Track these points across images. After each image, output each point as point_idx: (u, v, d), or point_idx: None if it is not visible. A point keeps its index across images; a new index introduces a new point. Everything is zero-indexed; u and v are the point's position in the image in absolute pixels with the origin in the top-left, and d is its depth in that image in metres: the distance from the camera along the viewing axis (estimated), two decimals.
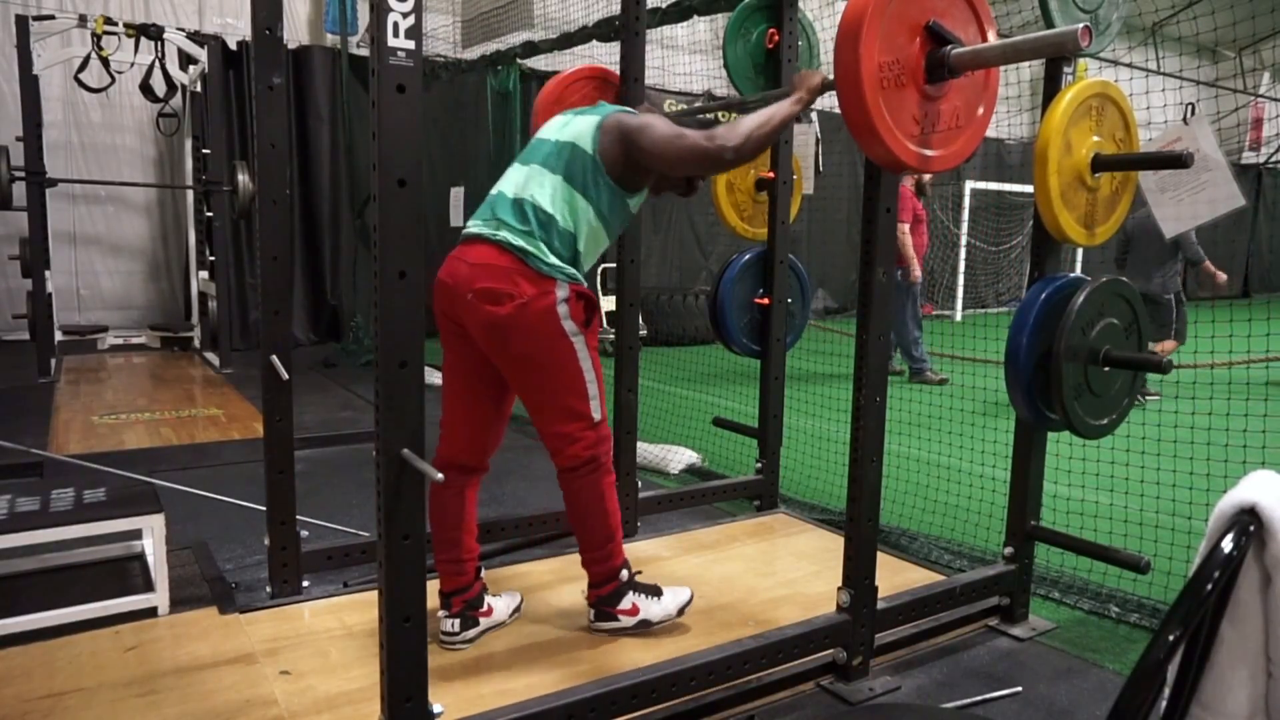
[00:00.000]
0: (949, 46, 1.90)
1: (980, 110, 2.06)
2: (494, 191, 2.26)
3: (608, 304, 9.12)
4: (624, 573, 2.34)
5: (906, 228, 6.59)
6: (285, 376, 2.46)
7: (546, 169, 2.20)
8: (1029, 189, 6.37)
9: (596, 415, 2.24)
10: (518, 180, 2.23)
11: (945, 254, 12.43)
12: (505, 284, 2.10)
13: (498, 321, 2.11)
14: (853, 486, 2.22)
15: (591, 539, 2.30)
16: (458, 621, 2.30)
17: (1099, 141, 2.29)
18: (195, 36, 7.01)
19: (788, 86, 2.19)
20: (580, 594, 2.61)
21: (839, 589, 2.24)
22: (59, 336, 6.97)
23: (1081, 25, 1.87)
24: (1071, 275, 2.33)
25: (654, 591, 2.37)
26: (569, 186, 2.17)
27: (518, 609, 2.49)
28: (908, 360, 6.78)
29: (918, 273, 6.71)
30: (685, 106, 2.78)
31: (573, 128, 2.25)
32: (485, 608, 2.38)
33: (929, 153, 1.96)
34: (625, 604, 2.33)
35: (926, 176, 6.86)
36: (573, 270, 2.18)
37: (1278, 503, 0.84)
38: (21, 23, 6.07)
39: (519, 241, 2.12)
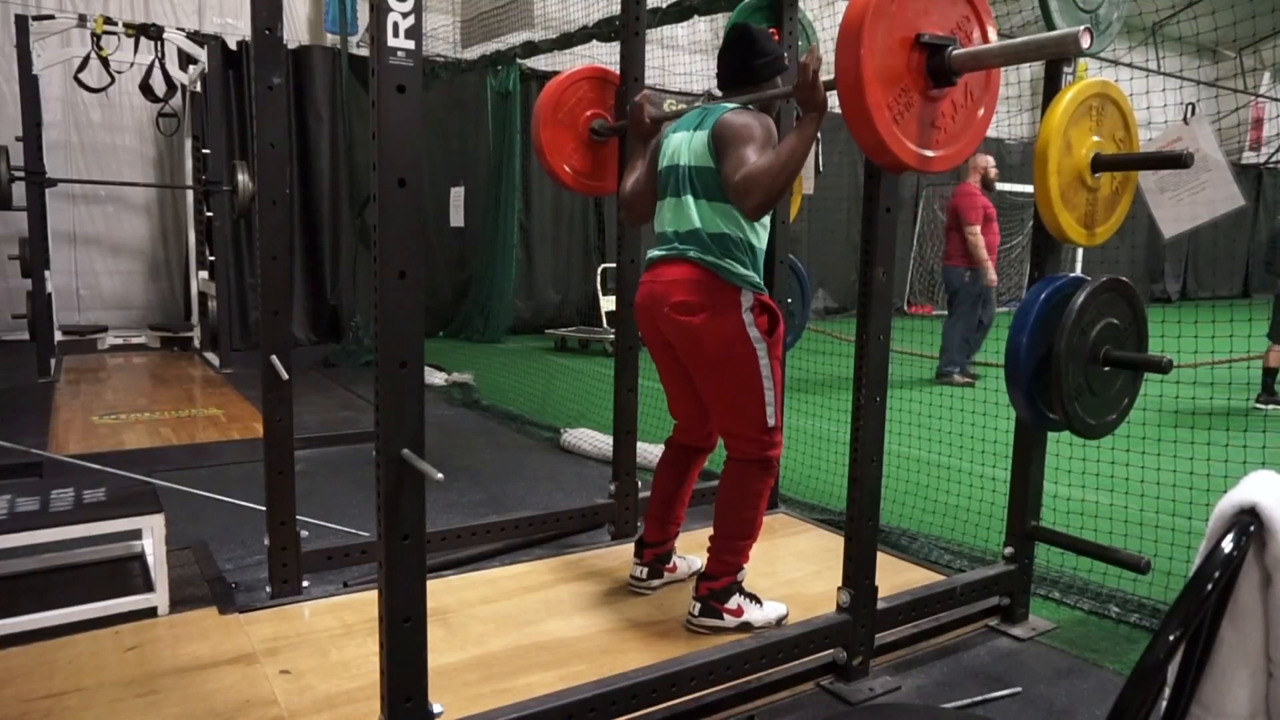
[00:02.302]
0: (949, 48, 1.90)
1: (981, 111, 2.06)
2: (663, 230, 2.41)
3: (608, 304, 9.14)
4: (741, 573, 2.42)
5: (978, 229, 6.42)
6: (285, 376, 2.46)
7: (692, 196, 2.33)
8: (1029, 189, 6.34)
9: (772, 421, 2.37)
10: (675, 215, 2.37)
11: None
12: (698, 295, 2.29)
13: (692, 330, 2.31)
14: (853, 486, 2.23)
15: (731, 529, 2.39)
16: (646, 570, 2.67)
17: (1099, 141, 2.29)
18: (195, 36, 7.02)
19: (789, 89, 2.17)
20: (580, 594, 2.62)
21: (839, 589, 2.24)
22: (59, 336, 6.97)
23: (1083, 27, 1.86)
24: (1071, 275, 2.33)
25: (756, 599, 2.43)
26: (718, 203, 2.29)
27: (697, 571, 2.65)
28: (943, 359, 6.66)
29: (993, 276, 6.55)
30: (685, 106, 2.77)
31: (691, 150, 2.34)
32: (671, 564, 2.71)
33: (930, 153, 1.96)
34: (732, 604, 2.38)
35: (992, 172, 6.69)
36: (756, 278, 2.33)
37: (1278, 503, 0.84)
38: (21, 23, 6.07)
39: (708, 257, 2.29)
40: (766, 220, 2.38)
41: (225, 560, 2.92)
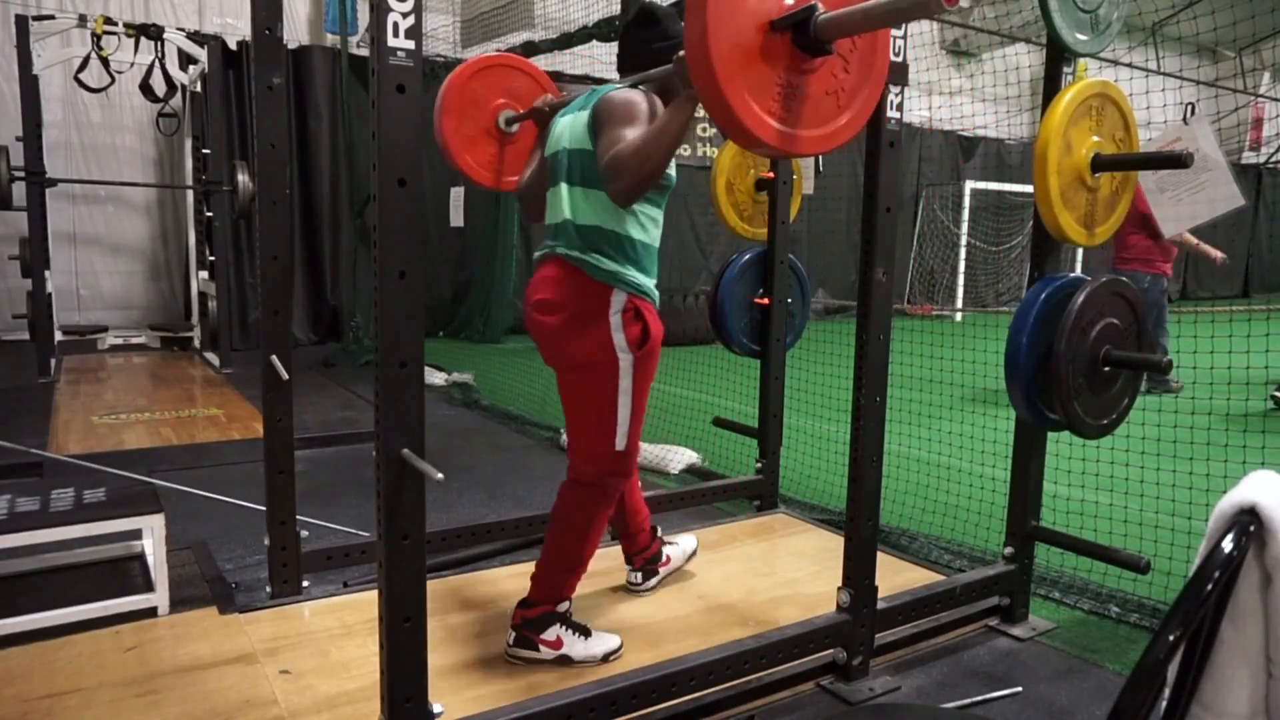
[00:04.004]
0: (812, 18, 1.63)
1: (865, 92, 1.80)
2: (547, 222, 2.26)
3: None
4: (564, 605, 2.25)
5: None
6: (285, 376, 2.46)
7: (568, 183, 2.17)
8: (1029, 189, 6.29)
9: (621, 444, 2.18)
10: (555, 204, 2.22)
11: (945, 254, 12.43)
12: (559, 294, 2.13)
13: (549, 331, 2.15)
14: (853, 486, 2.22)
15: (556, 557, 2.22)
16: (640, 574, 2.64)
17: (1099, 141, 2.29)
18: (195, 36, 7.02)
19: (674, 68, 1.96)
20: (579, 594, 2.61)
21: (839, 589, 2.24)
22: (59, 336, 6.97)
23: None
24: (1071, 275, 2.33)
25: (583, 631, 2.24)
26: (595, 190, 2.11)
27: (694, 552, 2.74)
28: None
29: (1216, 253, 6.10)
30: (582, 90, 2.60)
31: (572, 132, 2.19)
32: (664, 559, 2.68)
33: (796, 132, 1.71)
34: (550, 635, 2.19)
35: None
36: (635, 277, 2.13)
37: (1278, 503, 0.84)
38: (21, 23, 6.07)
39: (574, 253, 2.12)
40: (655, 214, 2.18)
41: (225, 560, 2.92)
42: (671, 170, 2.14)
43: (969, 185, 12.36)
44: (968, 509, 3.42)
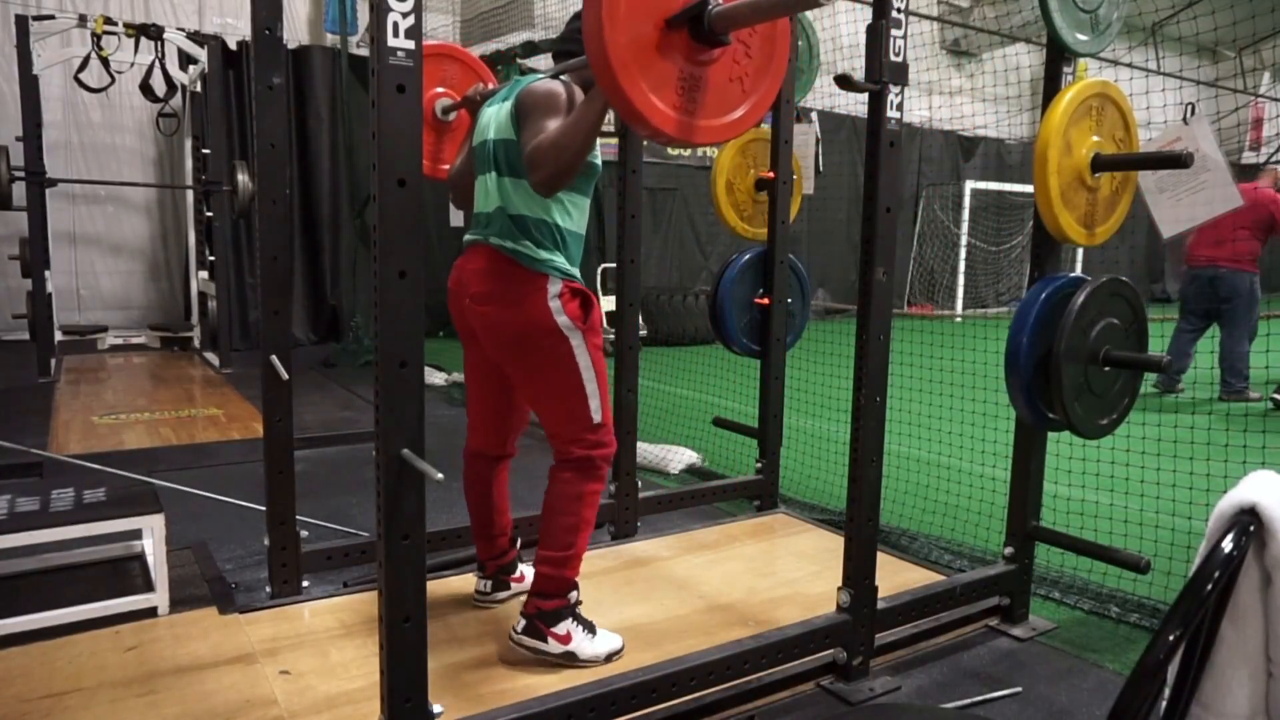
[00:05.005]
0: (707, 7, 1.66)
1: (769, 77, 1.83)
2: (475, 211, 2.30)
3: (608, 304, 9.14)
4: (573, 594, 2.23)
5: None
6: (285, 376, 2.46)
7: (496, 173, 2.19)
8: (1029, 189, 6.28)
9: (596, 417, 2.20)
10: (485, 193, 2.24)
11: (945, 254, 12.43)
12: (496, 284, 2.16)
13: (493, 322, 2.17)
14: (853, 486, 2.22)
15: (554, 538, 2.20)
16: (490, 583, 2.54)
17: (1099, 141, 2.29)
18: (195, 36, 7.01)
19: (585, 57, 1.83)
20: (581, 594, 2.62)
21: (839, 589, 2.24)
22: (59, 336, 6.97)
23: None
24: (1071, 275, 2.33)
25: (590, 629, 2.24)
26: (521, 180, 2.13)
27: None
28: (1231, 378, 5.91)
29: None
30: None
31: (497, 122, 2.20)
32: (518, 574, 2.58)
33: (696, 122, 1.74)
34: (561, 629, 2.18)
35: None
36: (564, 264, 2.17)
37: (1278, 503, 0.84)
38: (21, 23, 6.08)
39: (507, 243, 2.15)
40: (581, 201, 2.21)
41: (225, 560, 2.92)
42: (596, 159, 2.18)
43: (969, 185, 12.36)
44: (968, 509, 3.42)
